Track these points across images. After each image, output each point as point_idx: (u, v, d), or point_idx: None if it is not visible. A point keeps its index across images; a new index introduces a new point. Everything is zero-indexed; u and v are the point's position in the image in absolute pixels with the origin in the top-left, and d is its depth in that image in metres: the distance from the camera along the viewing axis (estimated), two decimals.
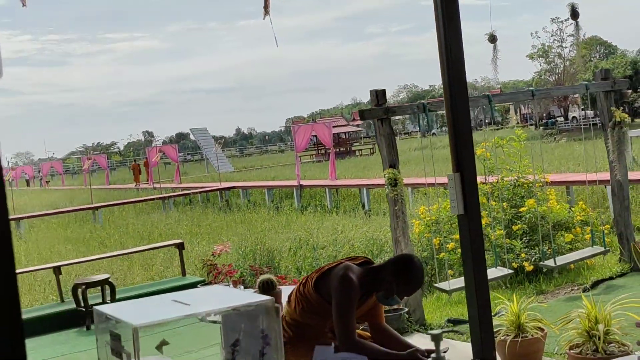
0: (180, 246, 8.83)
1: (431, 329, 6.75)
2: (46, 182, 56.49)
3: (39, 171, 60.51)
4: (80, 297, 7.77)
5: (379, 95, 6.43)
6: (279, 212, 18.60)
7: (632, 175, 13.36)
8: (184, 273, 8.88)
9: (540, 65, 52.20)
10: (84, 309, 7.66)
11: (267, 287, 4.23)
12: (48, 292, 10.16)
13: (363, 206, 18.29)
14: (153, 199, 24.91)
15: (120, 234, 17.46)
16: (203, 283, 8.05)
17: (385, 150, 6.51)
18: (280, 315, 1.63)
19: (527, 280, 8.16)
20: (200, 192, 25.68)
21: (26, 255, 15.44)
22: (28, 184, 58.90)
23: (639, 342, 2.73)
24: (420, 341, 6.55)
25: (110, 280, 8.01)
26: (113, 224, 20.46)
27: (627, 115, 7.57)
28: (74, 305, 7.98)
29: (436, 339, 2.39)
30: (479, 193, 8.91)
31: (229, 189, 25.70)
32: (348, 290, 3.39)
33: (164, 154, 36.80)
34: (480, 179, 9.40)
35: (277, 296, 4.22)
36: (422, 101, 6.61)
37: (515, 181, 9.06)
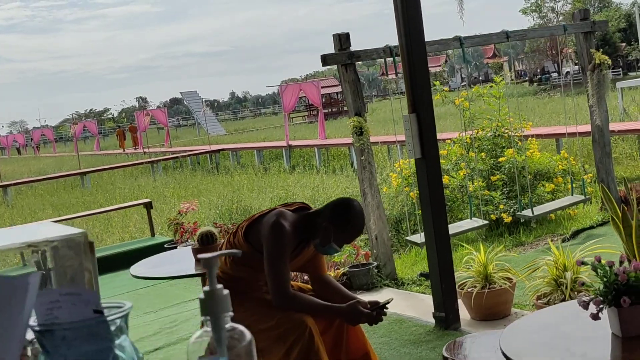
0: (148, 205, 8.54)
1: (402, 284, 6.49)
2: (36, 147, 56.07)
3: (31, 139, 60.06)
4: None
5: (342, 40, 6.07)
6: (267, 173, 18.33)
7: (621, 126, 13.11)
8: (152, 233, 8.61)
9: (533, 20, 51.49)
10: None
11: (207, 240, 3.96)
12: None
13: (352, 165, 18.02)
14: (141, 164, 24.58)
15: (106, 199, 17.22)
16: (170, 243, 7.78)
17: (350, 98, 6.17)
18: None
19: (507, 232, 7.91)
20: (189, 155, 25.28)
21: (10, 220, 15.27)
22: (19, 152, 58.45)
23: (579, 263, 2.47)
24: (388, 296, 6.30)
25: None
26: (101, 189, 20.23)
27: (607, 57, 7.21)
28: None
29: None
30: (458, 144, 8.66)
31: (218, 151, 25.34)
32: (280, 238, 3.10)
33: (152, 117, 36.34)
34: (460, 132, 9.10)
35: (217, 249, 3.95)
36: (389, 45, 6.25)
37: (495, 131, 8.76)
